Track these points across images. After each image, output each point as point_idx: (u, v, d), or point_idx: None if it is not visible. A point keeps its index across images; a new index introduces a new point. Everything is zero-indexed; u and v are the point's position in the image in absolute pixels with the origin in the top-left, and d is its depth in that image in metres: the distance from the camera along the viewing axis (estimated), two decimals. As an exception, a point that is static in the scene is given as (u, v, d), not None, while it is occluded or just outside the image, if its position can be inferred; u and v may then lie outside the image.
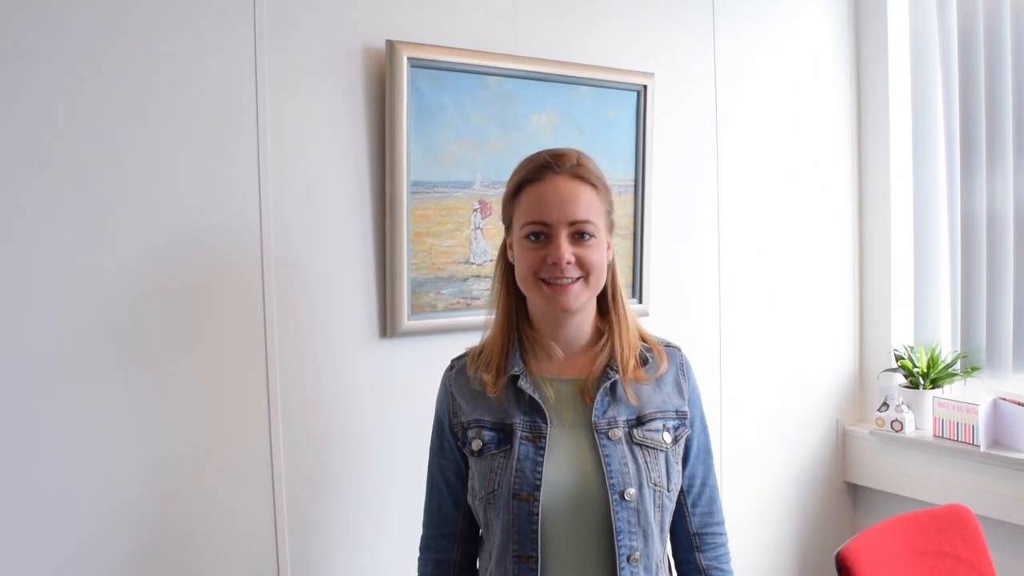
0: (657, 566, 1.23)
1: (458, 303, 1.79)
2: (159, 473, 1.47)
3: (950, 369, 2.35)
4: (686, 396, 1.30)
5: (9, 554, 1.34)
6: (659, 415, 1.25)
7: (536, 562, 1.17)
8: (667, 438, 1.25)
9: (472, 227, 1.79)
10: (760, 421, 2.36)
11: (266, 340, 1.58)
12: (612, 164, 1.95)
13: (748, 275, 2.33)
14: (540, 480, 1.18)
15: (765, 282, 2.37)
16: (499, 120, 1.80)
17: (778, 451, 2.41)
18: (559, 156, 1.23)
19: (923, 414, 2.36)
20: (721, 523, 1.35)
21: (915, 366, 2.38)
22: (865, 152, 2.56)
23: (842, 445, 2.55)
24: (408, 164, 1.67)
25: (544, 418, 1.22)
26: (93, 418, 1.41)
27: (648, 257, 2.06)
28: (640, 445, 1.22)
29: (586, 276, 1.20)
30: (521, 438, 1.21)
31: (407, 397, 1.74)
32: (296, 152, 1.61)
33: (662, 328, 1.56)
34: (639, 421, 1.23)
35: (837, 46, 2.51)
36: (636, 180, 2.02)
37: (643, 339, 1.31)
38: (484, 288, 1.79)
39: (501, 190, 1.32)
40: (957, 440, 2.23)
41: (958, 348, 2.38)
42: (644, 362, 1.28)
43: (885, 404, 2.41)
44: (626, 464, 1.20)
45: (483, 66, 1.75)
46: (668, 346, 1.34)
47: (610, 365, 1.25)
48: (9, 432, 1.34)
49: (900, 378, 2.44)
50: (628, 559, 1.18)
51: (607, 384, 1.23)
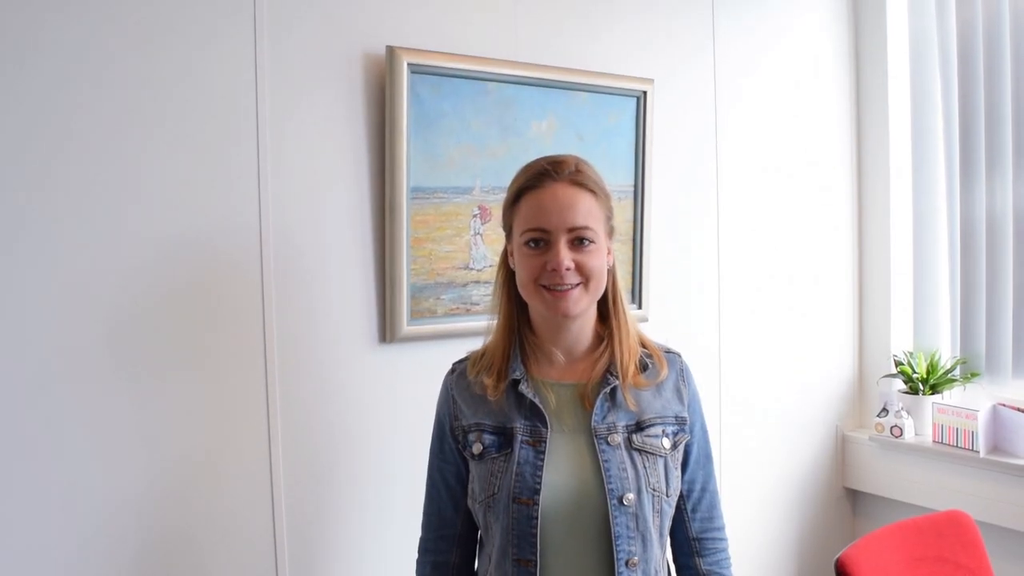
0: (656, 571, 1.23)
1: (458, 308, 1.79)
2: (159, 478, 1.47)
3: (950, 375, 2.35)
4: (686, 402, 1.31)
5: (11, 557, 1.34)
6: (658, 421, 1.26)
7: (535, 566, 1.18)
8: (666, 444, 1.25)
9: (472, 233, 1.79)
10: (760, 426, 2.36)
11: (266, 345, 1.58)
12: (612, 170, 1.95)
13: (748, 280, 2.33)
14: (540, 484, 1.19)
15: (765, 287, 2.37)
16: (499, 126, 1.80)
17: (778, 456, 2.41)
18: (558, 163, 1.23)
19: (923, 420, 2.36)
20: (721, 528, 1.35)
21: (915, 372, 2.38)
22: (865, 157, 2.57)
23: (841, 451, 2.55)
24: (408, 169, 1.68)
25: (544, 423, 1.23)
26: (93, 423, 1.41)
27: (648, 262, 2.06)
28: (639, 451, 1.23)
29: (586, 282, 1.21)
30: (521, 442, 1.22)
31: (407, 402, 1.74)
32: (296, 157, 1.61)
33: (662, 333, 1.56)
34: (638, 427, 1.24)
35: (836, 51, 2.52)
36: (636, 186, 2.02)
37: (643, 345, 1.32)
38: (484, 294, 1.80)
39: (501, 196, 1.33)
40: (956, 446, 2.23)
41: (958, 354, 2.39)
42: (644, 368, 1.29)
43: (885, 410, 2.41)
44: (625, 470, 1.20)
45: (483, 72, 1.76)
46: (668, 352, 1.34)
47: (610, 371, 1.25)
48: (10, 436, 1.34)
49: (900, 384, 2.44)
50: (627, 564, 1.19)
51: (607, 390, 1.24)
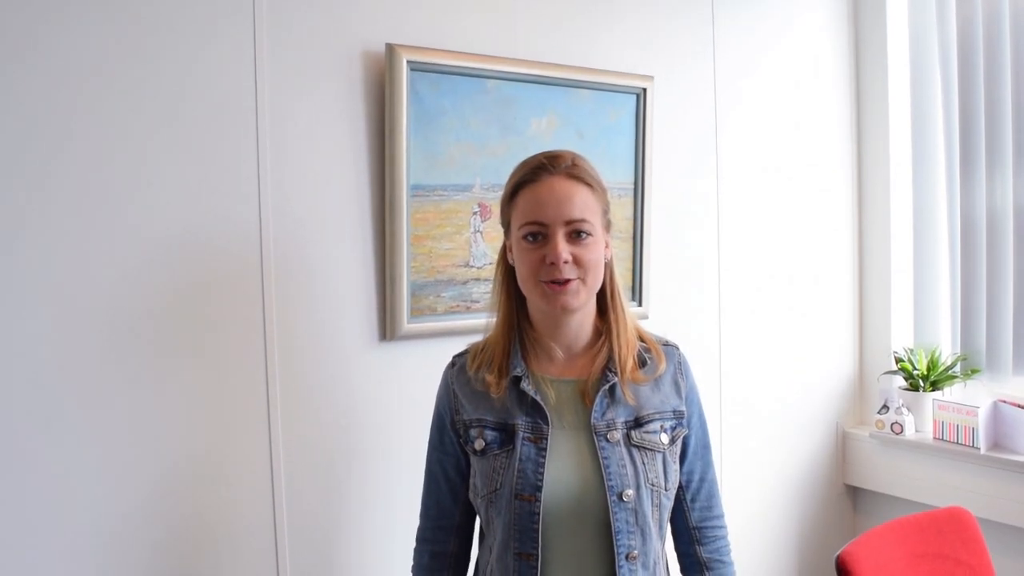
0: (655, 563, 1.25)
1: (458, 306, 1.79)
2: (158, 476, 1.48)
3: (950, 371, 2.35)
4: (683, 395, 1.32)
5: (9, 555, 1.34)
6: (657, 416, 1.27)
7: (536, 559, 1.19)
8: (664, 439, 1.26)
9: (472, 230, 1.79)
10: (760, 423, 2.36)
11: (266, 343, 1.58)
12: (612, 167, 1.95)
13: (748, 278, 2.33)
14: (541, 481, 1.20)
15: (765, 285, 2.37)
16: (499, 124, 1.80)
17: (778, 453, 2.41)
18: (554, 157, 1.25)
19: (923, 416, 2.36)
20: (720, 516, 1.36)
21: (915, 368, 2.38)
22: (865, 155, 2.57)
23: (842, 447, 2.55)
24: (408, 167, 1.68)
25: (545, 419, 1.23)
26: (92, 422, 1.41)
27: (648, 260, 2.06)
28: (638, 447, 1.23)
29: (583, 275, 1.21)
30: (523, 439, 1.23)
31: (407, 400, 1.74)
32: (296, 155, 1.61)
33: (662, 331, 1.56)
34: (637, 423, 1.25)
35: (836, 48, 2.52)
36: (636, 183, 2.02)
37: (641, 339, 1.32)
38: (484, 291, 1.80)
39: (500, 193, 1.33)
40: (957, 442, 2.23)
41: (958, 350, 2.39)
42: (643, 363, 1.29)
43: (885, 407, 2.41)
44: (624, 466, 1.21)
45: (483, 69, 1.76)
46: (666, 345, 1.35)
47: (609, 367, 1.26)
48: (10, 436, 1.34)
49: (900, 380, 2.44)
50: (627, 557, 1.20)
51: (606, 387, 1.25)
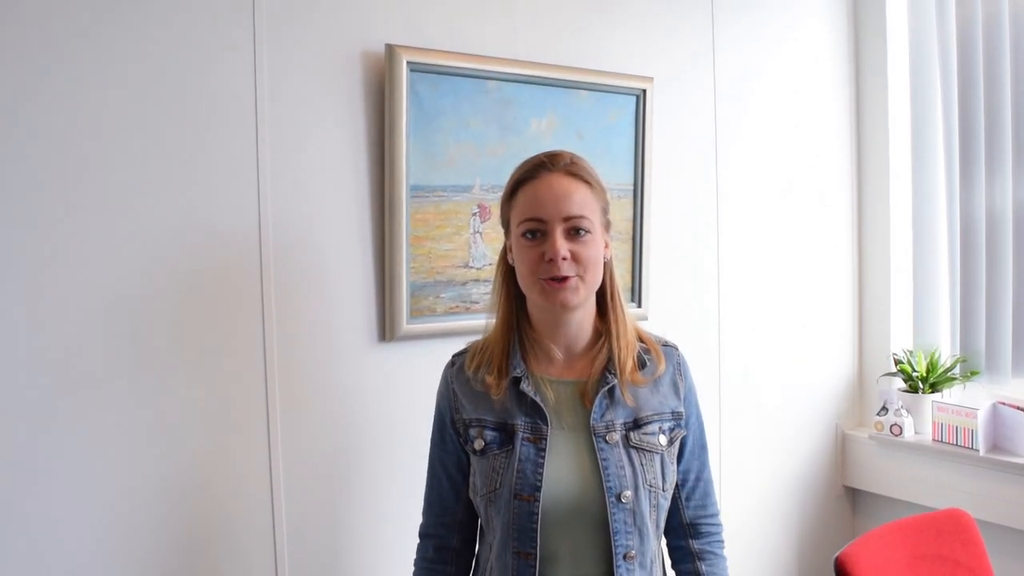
0: (652, 562, 1.26)
1: (457, 307, 1.79)
2: (157, 477, 1.47)
3: (949, 373, 2.35)
4: (682, 395, 1.32)
5: (9, 553, 1.34)
6: (655, 418, 1.27)
7: (535, 558, 1.20)
8: (663, 440, 1.27)
9: (471, 231, 1.79)
10: (759, 425, 2.36)
11: (265, 344, 1.58)
12: (612, 168, 1.95)
13: (748, 279, 2.33)
14: (541, 481, 1.21)
15: (764, 286, 2.37)
16: (498, 124, 1.80)
17: (777, 455, 2.41)
18: (553, 156, 1.26)
19: (922, 418, 2.36)
20: (715, 515, 1.37)
21: (914, 370, 2.38)
22: (864, 156, 2.57)
23: (841, 449, 2.55)
24: (407, 168, 1.68)
25: (545, 420, 1.24)
26: (92, 422, 1.41)
27: (648, 261, 2.06)
28: (636, 448, 1.24)
29: (582, 272, 1.22)
30: (523, 439, 1.23)
31: (406, 401, 1.74)
32: (295, 156, 1.61)
33: (661, 332, 1.56)
34: (636, 424, 1.25)
35: (836, 50, 2.52)
36: (635, 184, 2.02)
37: (641, 340, 1.33)
38: (483, 292, 1.80)
39: (500, 194, 1.33)
40: (956, 444, 2.23)
41: (957, 352, 2.39)
42: (642, 364, 1.30)
43: (884, 408, 2.41)
44: (623, 467, 1.22)
45: (483, 70, 1.76)
46: (665, 345, 1.36)
47: (608, 368, 1.26)
48: (11, 433, 1.34)
49: (899, 382, 2.44)
50: (624, 557, 1.21)
51: (605, 388, 1.25)
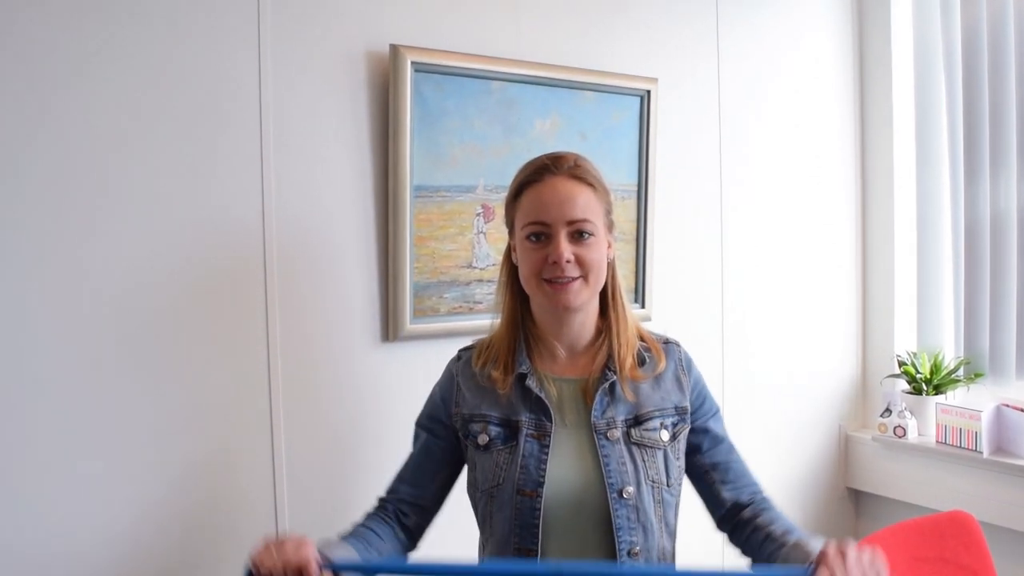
0: (659, 559, 1.25)
1: (461, 307, 1.79)
2: (160, 475, 1.48)
3: (953, 375, 2.34)
4: (687, 390, 1.32)
5: (9, 549, 1.35)
6: (657, 413, 1.27)
7: (536, 555, 1.20)
8: (665, 436, 1.27)
9: (475, 231, 1.80)
10: (763, 426, 2.36)
11: (268, 343, 1.59)
12: (615, 169, 1.95)
13: (751, 280, 2.33)
14: (544, 477, 1.21)
15: (768, 287, 2.37)
16: (502, 125, 1.80)
17: (780, 456, 2.41)
18: (557, 158, 1.27)
19: (926, 420, 2.35)
20: (756, 484, 1.37)
21: (918, 372, 2.37)
22: (869, 158, 2.56)
23: (844, 451, 2.54)
24: (411, 168, 1.68)
25: (549, 417, 1.25)
26: (95, 421, 1.41)
27: (651, 262, 2.06)
28: (638, 444, 1.24)
29: (586, 275, 1.23)
30: (527, 435, 1.24)
31: (409, 400, 1.72)
32: (300, 156, 1.62)
33: (664, 332, 1.56)
34: (637, 420, 1.25)
35: (841, 52, 2.51)
36: (639, 185, 2.02)
37: (642, 338, 1.33)
38: (487, 292, 1.80)
39: (504, 195, 1.34)
40: (960, 446, 2.22)
41: (961, 354, 2.38)
42: (642, 362, 1.30)
43: (888, 410, 2.41)
44: (624, 464, 1.22)
45: (487, 71, 1.76)
46: (666, 343, 1.36)
47: (608, 365, 1.27)
48: (14, 431, 1.35)
49: (903, 384, 2.44)
50: (628, 553, 1.21)
51: (605, 385, 1.26)
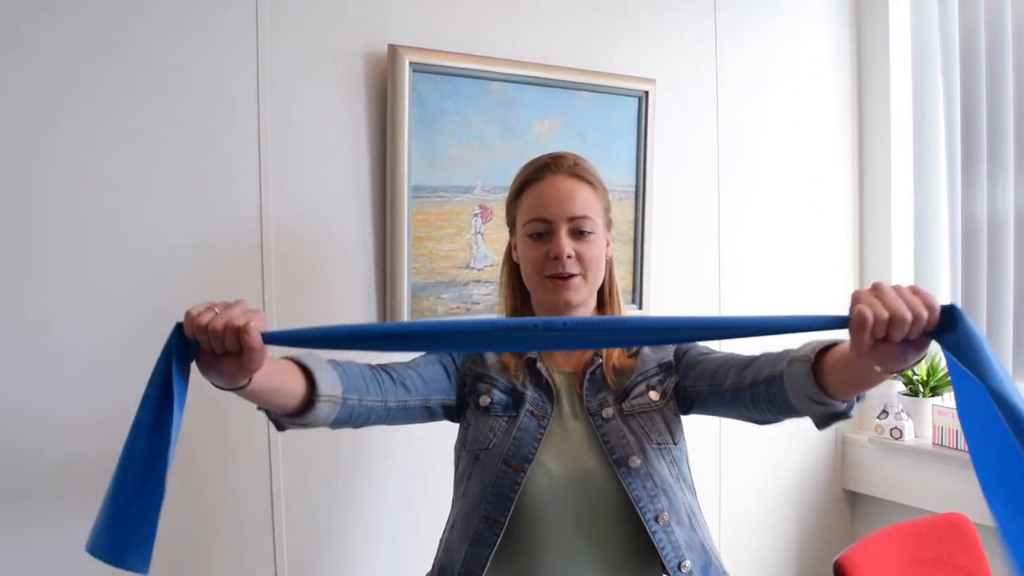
0: (690, 517, 1.25)
1: (458, 308, 1.79)
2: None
3: (949, 377, 2.34)
4: (669, 347, 1.32)
5: (9, 547, 1.34)
6: (640, 379, 1.28)
7: (500, 528, 1.19)
8: (654, 396, 1.27)
9: (473, 232, 1.79)
10: (759, 428, 2.35)
11: (266, 343, 1.58)
12: (613, 170, 1.95)
13: (748, 280, 2.33)
14: (533, 455, 1.22)
15: (766, 288, 2.37)
16: (501, 126, 1.80)
17: (777, 458, 2.41)
18: (558, 157, 1.30)
19: (922, 422, 2.36)
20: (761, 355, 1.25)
21: (915, 374, 2.38)
22: (866, 159, 2.57)
23: (841, 452, 2.54)
24: (409, 168, 1.68)
25: (552, 400, 1.26)
26: (94, 418, 1.41)
27: (649, 263, 2.06)
28: (631, 414, 1.25)
29: (585, 272, 1.26)
30: (527, 411, 1.25)
31: (406, 401, 1.74)
32: (298, 156, 1.61)
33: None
34: (625, 393, 1.27)
35: (838, 52, 2.51)
36: (637, 186, 2.02)
37: None
38: (484, 293, 1.80)
39: (502, 196, 1.34)
40: (956, 448, 2.23)
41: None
42: (633, 354, 1.32)
43: (884, 411, 2.41)
44: (624, 436, 1.23)
45: (485, 71, 1.76)
46: None
47: (597, 352, 1.29)
48: (20, 431, 1.34)
49: (900, 385, 2.44)
50: (656, 520, 1.20)
51: (592, 368, 1.28)
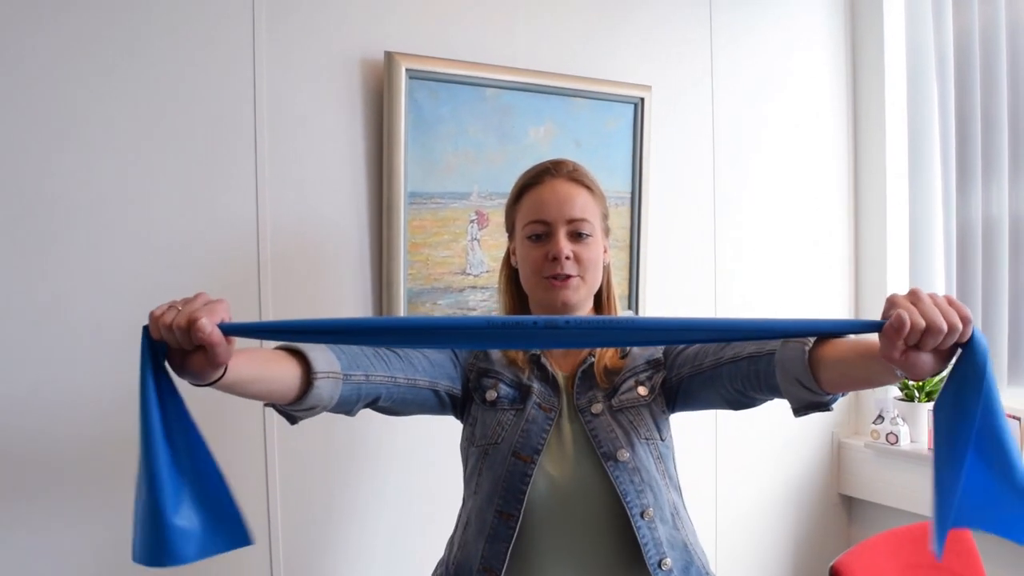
0: (674, 515, 1.26)
1: (455, 314, 1.79)
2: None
3: (945, 382, 2.35)
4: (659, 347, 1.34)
5: (7, 544, 1.34)
6: (629, 375, 1.29)
7: (516, 521, 1.20)
8: (643, 391, 1.28)
9: (469, 238, 1.80)
10: (755, 432, 2.36)
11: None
12: (609, 176, 1.96)
13: (744, 287, 2.33)
14: (542, 445, 1.23)
15: (761, 294, 2.37)
16: (497, 132, 1.80)
17: (773, 463, 2.41)
18: (557, 163, 1.33)
19: (918, 427, 2.36)
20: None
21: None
22: (861, 164, 2.57)
23: (837, 457, 2.55)
24: (405, 175, 1.68)
25: (558, 394, 1.28)
26: (93, 415, 1.41)
27: (645, 268, 2.06)
28: (620, 410, 1.26)
29: (583, 273, 1.27)
30: (535, 403, 1.26)
31: (403, 407, 1.74)
32: (294, 162, 1.62)
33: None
34: (614, 390, 1.28)
35: (833, 59, 2.52)
36: (633, 192, 2.03)
37: None
38: (481, 299, 1.80)
39: (498, 202, 1.35)
40: (952, 453, 2.23)
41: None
42: (624, 355, 1.33)
43: (880, 416, 2.41)
44: (612, 431, 1.24)
45: (481, 78, 1.76)
46: None
47: (590, 352, 1.31)
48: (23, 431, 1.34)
49: (895, 391, 2.44)
50: (642, 516, 1.21)
51: (583, 367, 1.29)
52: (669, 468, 1.29)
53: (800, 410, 1.14)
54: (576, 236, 1.27)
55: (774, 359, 1.11)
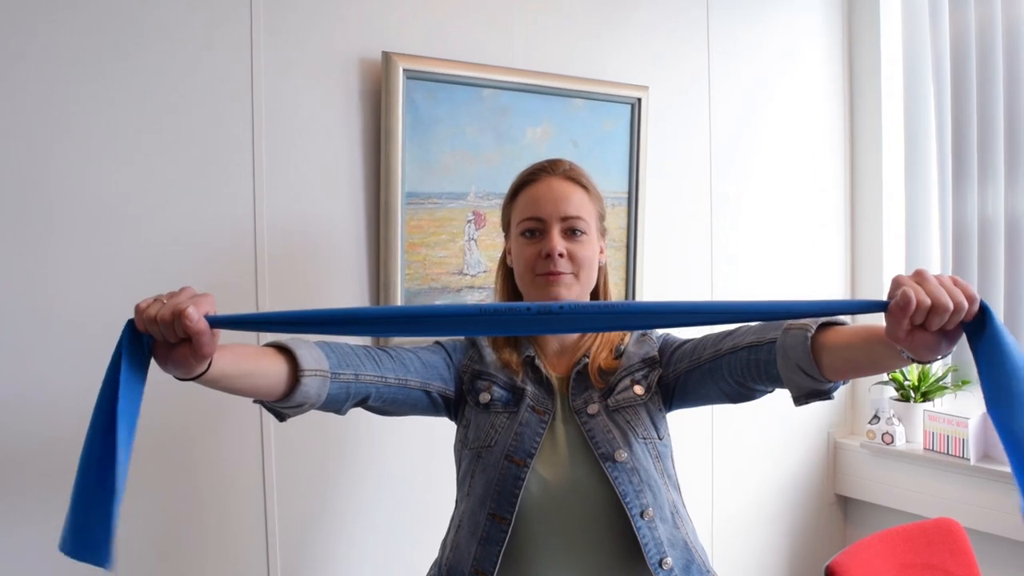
0: (672, 514, 1.26)
1: (451, 314, 1.79)
2: (150, 479, 1.47)
3: (941, 382, 2.36)
4: (653, 343, 1.34)
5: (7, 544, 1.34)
6: (624, 374, 1.29)
7: (508, 524, 1.20)
8: (639, 390, 1.28)
9: (466, 238, 1.80)
10: (752, 432, 2.37)
11: (259, 350, 1.58)
12: (606, 176, 1.96)
13: (741, 287, 2.34)
14: (535, 449, 1.22)
15: (758, 294, 2.38)
16: (494, 133, 1.81)
17: (769, 463, 2.42)
18: (554, 162, 1.33)
19: (914, 427, 2.37)
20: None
21: (906, 379, 2.39)
22: (858, 165, 2.58)
23: (833, 458, 2.55)
24: (403, 175, 1.68)
25: (552, 396, 1.27)
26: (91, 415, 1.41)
27: (641, 269, 2.07)
28: (616, 409, 1.26)
29: (577, 271, 1.26)
30: (528, 406, 1.26)
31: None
32: (291, 162, 1.62)
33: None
34: (610, 390, 1.27)
35: (830, 59, 2.53)
36: (630, 192, 2.03)
37: (623, 340, 1.35)
38: (478, 299, 1.80)
39: (496, 202, 1.35)
40: (947, 453, 2.24)
41: (949, 361, 2.40)
42: (619, 355, 1.33)
43: (876, 417, 2.42)
44: (609, 431, 1.23)
45: (479, 79, 1.76)
46: (643, 334, 1.37)
47: (585, 353, 1.30)
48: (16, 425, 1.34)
49: (891, 391, 2.45)
50: (642, 515, 1.20)
51: (578, 368, 1.29)
52: (668, 467, 1.29)
53: (800, 399, 1.13)
54: (570, 234, 1.26)
55: (775, 347, 1.11)
